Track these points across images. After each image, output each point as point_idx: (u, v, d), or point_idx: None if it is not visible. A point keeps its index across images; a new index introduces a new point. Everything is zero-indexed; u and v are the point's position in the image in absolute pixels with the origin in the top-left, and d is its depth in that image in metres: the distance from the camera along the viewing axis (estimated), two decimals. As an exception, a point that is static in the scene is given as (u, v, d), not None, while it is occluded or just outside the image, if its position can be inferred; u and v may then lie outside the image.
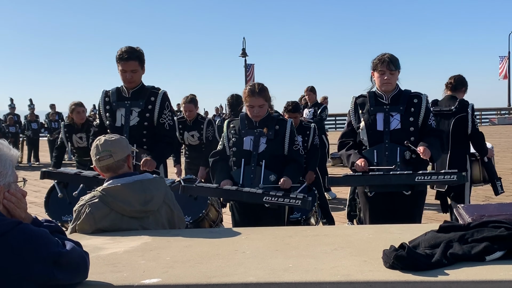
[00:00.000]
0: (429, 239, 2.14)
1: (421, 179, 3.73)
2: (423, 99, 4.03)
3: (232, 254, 2.30)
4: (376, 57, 4.04)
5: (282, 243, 2.46)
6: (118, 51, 4.32)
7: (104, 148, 2.95)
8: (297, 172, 4.12)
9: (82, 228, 2.87)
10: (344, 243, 2.38)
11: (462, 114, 5.42)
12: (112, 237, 2.74)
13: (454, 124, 5.43)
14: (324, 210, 6.52)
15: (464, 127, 5.43)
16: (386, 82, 3.97)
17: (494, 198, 8.49)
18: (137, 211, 2.91)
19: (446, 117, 5.49)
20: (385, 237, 2.47)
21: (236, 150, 4.09)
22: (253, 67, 36.53)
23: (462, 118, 5.42)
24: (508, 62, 39.17)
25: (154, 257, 2.30)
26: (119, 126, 4.39)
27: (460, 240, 2.07)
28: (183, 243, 2.53)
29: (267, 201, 3.72)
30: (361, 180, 3.97)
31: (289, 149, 4.11)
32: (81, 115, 7.12)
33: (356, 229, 2.70)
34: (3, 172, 1.84)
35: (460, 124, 5.43)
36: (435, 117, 5.02)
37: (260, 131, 4.07)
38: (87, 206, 2.86)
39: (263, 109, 4.08)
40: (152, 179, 3.05)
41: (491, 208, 2.38)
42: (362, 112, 4.08)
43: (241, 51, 36.55)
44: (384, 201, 3.97)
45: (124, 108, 4.40)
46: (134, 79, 4.36)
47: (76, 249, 1.88)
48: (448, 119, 5.48)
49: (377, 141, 3.96)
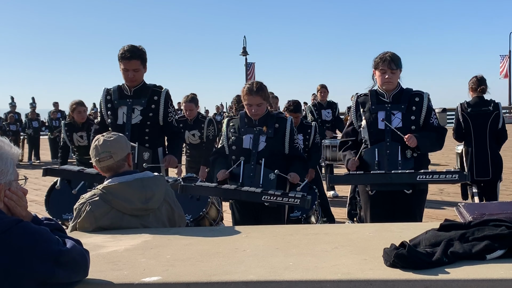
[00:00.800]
0: (430, 237, 2.14)
1: (422, 178, 3.73)
2: (425, 97, 4.02)
3: (232, 252, 2.30)
4: (378, 55, 4.04)
5: (283, 241, 2.46)
6: (121, 50, 4.31)
7: (104, 149, 2.94)
8: (303, 168, 4.18)
9: (82, 226, 2.87)
10: (344, 242, 2.38)
11: (496, 112, 6.04)
12: (112, 235, 2.73)
13: (491, 122, 6.03)
14: (325, 209, 6.53)
15: (496, 123, 6.06)
16: (387, 81, 3.97)
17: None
18: (137, 209, 2.90)
19: (485, 117, 6.05)
20: (386, 236, 2.46)
21: (236, 148, 4.09)
22: (253, 66, 36.51)
23: (496, 115, 6.04)
24: (508, 61, 39.07)
25: (154, 255, 2.30)
26: (120, 124, 4.40)
27: (460, 239, 2.07)
28: (184, 241, 2.53)
29: (266, 200, 3.72)
30: (362, 179, 3.98)
31: (290, 147, 4.11)
32: (82, 115, 7.13)
33: (356, 228, 2.70)
34: (4, 170, 1.84)
35: (494, 121, 6.04)
36: (473, 118, 5.97)
37: (259, 129, 4.07)
38: (88, 204, 2.85)
39: (262, 108, 4.08)
40: (153, 177, 3.05)
41: (491, 206, 2.38)
42: (364, 110, 4.08)
43: (242, 50, 36.54)
44: (385, 199, 3.97)
45: (126, 106, 4.41)
46: (136, 78, 4.36)
47: (76, 247, 1.88)
48: (486, 118, 6.05)
49: (378, 139, 3.96)
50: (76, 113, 7.11)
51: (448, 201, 8.08)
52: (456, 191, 8.86)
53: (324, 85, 9.27)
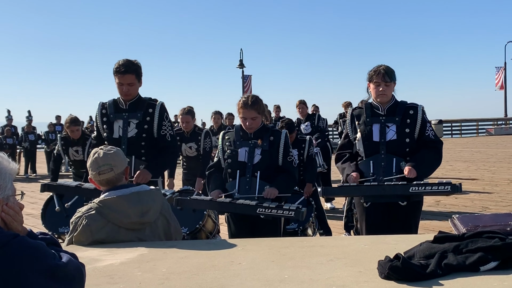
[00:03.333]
0: (424, 249, 2.15)
1: (415, 189, 3.74)
2: (419, 110, 4.05)
3: (228, 265, 2.31)
4: (372, 68, 4.08)
5: (278, 254, 2.47)
6: (116, 64, 4.33)
7: (105, 161, 2.95)
8: (287, 182, 4.11)
9: (78, 240, 2.87)
10: (339, 254, 2.39)
11: None
12: (108, 248, 2.74)
13: None
14: (321, 221, 6.52)
15: None
16: (381, 94, 4.00)
17: (491, 209, 8.51)
18: (134, 223, 2.91)
19: None
20: (381, 248, 2.48)
21: (231, 161, 4.10)
22: (250, 78, 36.60)
23: None
24: (504, 73, 39.32)
25: (150, 269, 2.30)
26: (116, 138, 4.40)
27: (454, 251, 2.09)
28: (179, 255, 2.54)
29: (261, 213, 3.73)
30: (356, 191, 3.99)
31: (283, 160, 4.13)
32: (75, 134, 7.17)
33: (352, 240, 2.71)
34: (2, 185, 1.84)
35: None
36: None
37: (254, 142, 4.08)
38: (84, 218, 2.86)
39: (256, 121, 4.10)
40: (149, 190, 3.06)
41: (485, 218, 2.40)
42: (359, 123, 4.11)
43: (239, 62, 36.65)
44: (380, 211, 3.98)
45: (122, 119, 4.41)
46: (131, 92, 4.37)
47: (73, 261, 1.89)
48: None
49: (373, 152, 3.98)
50: (70, 133, 7.15)
51: (444, 212, 8.10)
52: (453, 203, 8.89)
53: (302, 101, 9.72)
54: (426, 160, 3.93)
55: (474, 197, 9.60)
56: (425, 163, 3.91)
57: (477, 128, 37.52)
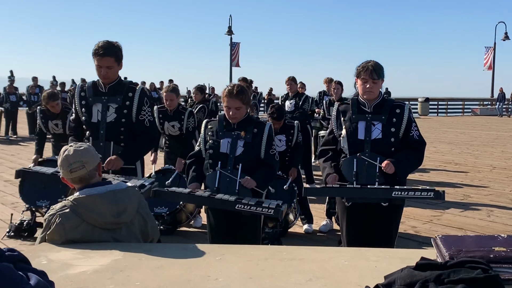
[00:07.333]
0: (405, 276, 2.10)
1: (398, 194, 3.71)
2: (406, 109, 3.98)
3: (204, 281, 2.23)
4: (361, 64, 3.98)
5: (257, 268, 2.40)
6: (95, 46, 4.18)
7: (75, 159, 2.84)
8: (267, 176, 4.06)
9: (52, 238, 2.78)
10: (319, 272, 2.33)
11: None
12: (82, 250, 2.66)
13: None
14: (303, 207, 6.51)
15: None
16: (368, 91, 3.92)
17: (472, 197, 8.56)
18: (109, 223, 2.82)
19: None
20: (361, 265, 2.43)
21: (213, 152, 4.02)
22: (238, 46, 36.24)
23: None
24: (493, 53, 39.30)
25: (123, 281, 2.23)
26: (95, 122, 4.27)
27: (436, 281, 2.03)
28: (155, 263, 2.47)
29: (240, 210, 3.68)
30: (338, 192, 3.96)
31: (265, 152, 4.05)
32: (55, 108, 7.03)
33: (332, 253, 2.66)
34: None
35: None
36: None
37: (238, 134, 4.00)
38: (58, 216, 2.77)
39: (240, 112, 4.01)
40: (125, 189, 2.96)
41: (469, 241, 2.35)
42: (344, 119, 4.03)
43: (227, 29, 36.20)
44: (361, 211, 3.95)
45: (101, 103, 4.28)
46: (109, 76, 4.22)
47: (41, 283, 1.80)
48: None
49: (357, 150, 3.92)
50: (50, 107, 7.00)
51: (426, 200, 8.11)
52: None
53: (291, 77, 9.60)
54: (406, 160, 3.89)
55: (456, 185, 9.65)
56: (404, 162, 3.87)
57: (463, 108, 37.73)
